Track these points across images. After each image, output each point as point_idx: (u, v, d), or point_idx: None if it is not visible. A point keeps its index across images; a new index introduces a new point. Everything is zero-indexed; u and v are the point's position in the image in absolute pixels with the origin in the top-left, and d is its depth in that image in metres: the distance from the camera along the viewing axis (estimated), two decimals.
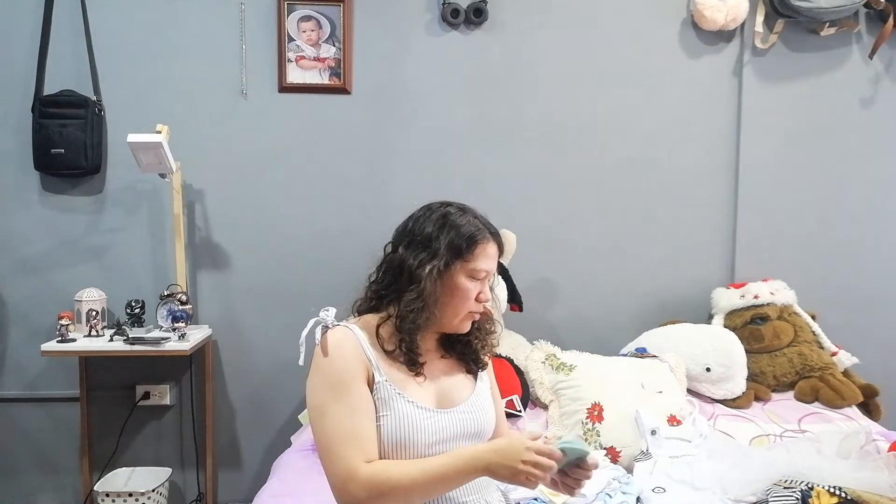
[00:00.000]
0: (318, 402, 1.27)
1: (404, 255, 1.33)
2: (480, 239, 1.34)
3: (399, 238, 1.38)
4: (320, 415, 1.26)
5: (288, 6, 2.64)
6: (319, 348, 1.29)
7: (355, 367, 1.27)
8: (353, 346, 1.29)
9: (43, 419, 2.71)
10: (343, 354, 1.28)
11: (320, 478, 1.97)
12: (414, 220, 1.37)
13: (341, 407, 1.24)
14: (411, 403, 1.30)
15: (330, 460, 1.24)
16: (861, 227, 2.83)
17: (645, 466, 1.99)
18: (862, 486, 1.71)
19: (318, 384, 1.27)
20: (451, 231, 1.32)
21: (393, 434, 1.28)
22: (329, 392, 1.25)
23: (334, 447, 1.23)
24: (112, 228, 2.68)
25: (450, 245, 1.31)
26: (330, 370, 1.27)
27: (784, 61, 2.78)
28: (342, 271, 2.70)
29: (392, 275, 1.35)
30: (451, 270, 1.31)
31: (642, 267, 2.79)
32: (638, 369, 2.34)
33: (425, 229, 1.34)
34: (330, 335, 1.30)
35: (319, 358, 1.28)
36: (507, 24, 2.72)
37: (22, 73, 2.59)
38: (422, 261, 1.31)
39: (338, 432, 1.23)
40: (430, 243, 1.32)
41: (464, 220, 1.34)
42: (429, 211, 1.37)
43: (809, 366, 2.51)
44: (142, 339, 2.39)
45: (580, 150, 2.77)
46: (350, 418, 1.24)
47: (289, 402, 2.74)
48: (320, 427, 1.26)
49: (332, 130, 2.71)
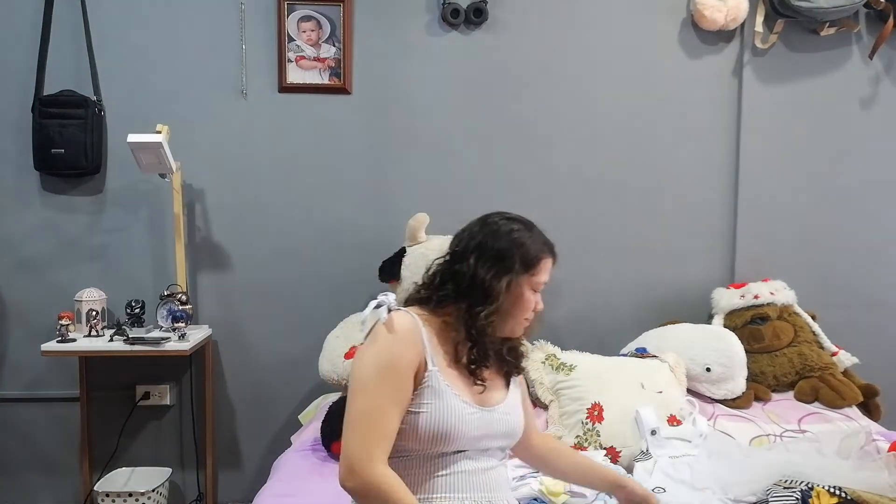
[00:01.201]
0: (365, 375, 1.32)
1: (475, 267, 1.39)
2: (545, 255, 1.44)
3: (466, 251, 1.42)
4: (362, 388, 1.31)
5: (288, 6, 2.64)
6: (384, 326, 1.34)
7: (411, 357, 1.33)
8: (414, 335, 1.35)
9: (43, 419, 2.71)
10: (404, 340, 1.34)
11: (320, 478, 1.99)
12: (483, 235, 1.43)
13: (385, 391, 1.30)
14: (457, 397, 1.36)
15: (355, 438, 1.28)
16: (861, 227, 2.83)
17: (645, 466, 1.99)
18: (862, 486, 1.71)
19: (371, 359, 1.33)
20: (521, 247, 1.41)
21: (437, 424, 1.33)
22: (378, 370, 1.31)
23: (364, 429, 1.28)
24: (112, 228, 2.68)
25: (521, 260, 1.40)
26: (387, 350, 1.32)
27: (784, 61, 2.77)
28: (342, 271, 2.71)
29: (455, 284, 1.40)
30: (519, 283, 1.40)
31: (642, 267, 2.79)
32: (638, 369, 2.34)
33: (496, 244, 1.41)
34: (396, 317, 1.36)
35: (381, 334, 1.34)
36: (507, 24, 2.72)
37: (22, 73, 2.59)
38: (496, 274, 1.38)
39: (372, 416, 1.28)
40: (503, 258, 1.39)
41: (530, 236, 1.43)
42: (495, 225, 1.44)
43: (809, 366, 2.51)
44: (142, 339, 2.39)
45: (579, 149, 2.77)
46: (390, 407, 1.29)
47: (289, 402, 2.74)
48: (358, 400, 1.31)
49: (332, 130, 2.71)
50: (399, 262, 2.50)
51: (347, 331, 2.42)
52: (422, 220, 2.51)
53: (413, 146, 2.73)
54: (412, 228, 2.51)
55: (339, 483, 1.28)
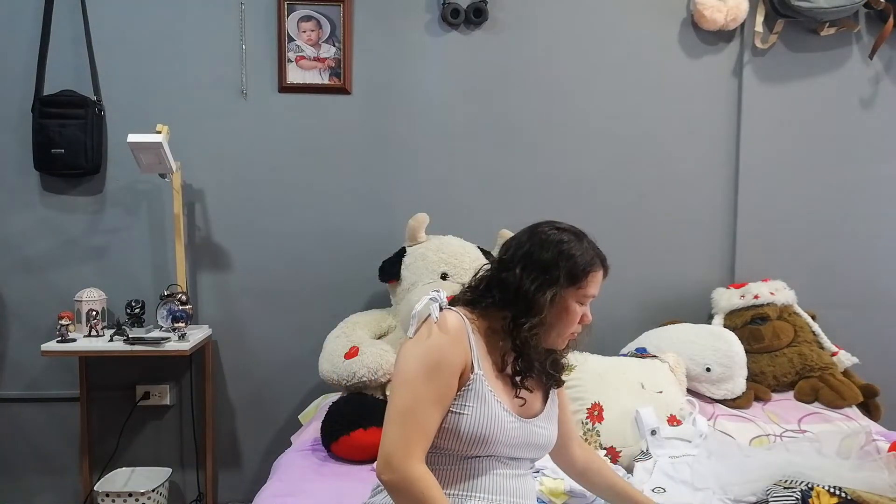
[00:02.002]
0: (412, 370, 1.31)
1: (521, 277, 1.36)
2: (594, 268, 1.40)
3: (513, 260, 1.40)
4: (407, 383, 1.31)
5: (288, 6, 2.64)
6: (435, 324, 1.33)
7: (458, 358, 1.32)
8: (463, 335, 1.34)
9: (43, 419, 2.71)
10: (453, 340, 1.33)
11: (320, 478, 1.99)
12: (530, 244, 1.40)
13: (431, 389, 1.29)
14: (499, 404, 1.35)
15: (396, 432, 1.28)
16: (861, 227, 2.83)
17: (645, 466, 1.99)
18: (862, 486, 1.71)
19: (420, 354, 1.32)
20: (568, 259, 1.37)
21: (477, 427, 1.32)
22: (426, 367, 1.30)
23: (406, 425, 1.28)
24: (112, 228, 2.68)
25: (568, 273, 1.36)
26: (437, 348, 1.31)
27: (784, 61, 2.78)
28: (342, 271, 2.71)
29: (500, 293, 1.38)
30: (564, 295, 1.37)
31: (642, 267, 2.79)
32: (638, 369, 2.34)
33: (543, 255, 1.37)
34: (448, 316, 1.35)
35: (432, 331, 1.33)
36: (507, 24, 2.72)
37: (22, 73, 2.59)
38: (540, 286, 1.35)
39: (415, 413, 1.28)
40: (548, 269, 1.36)
41: (579, 248, 1.39)
42: (545, 235, 1.40)
43: (809, 366, 2.51)
44: (142, 339, 2.39)
45: (579, 149, 2.77)
46: (433, 405, 1.29)
47: (289, 402, 2.74)
48: (403, 394, 1.31)
49: (332, 130, 2.71)
50: (399, 262, 2.50)
51: (347, 331, 2.42)
52: (422, 220, 2.51)
53: (413, 146, 2.73)
54: (412, 228, 2.51)
55: (376, 474, 1.29)
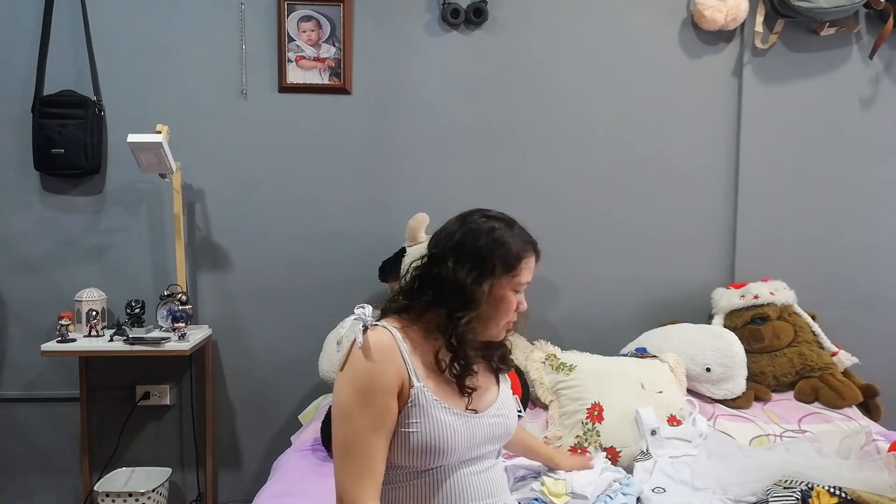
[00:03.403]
0: (346, 402, 1.27)
1: (454, 270, 1.31)
2: (527, 254, 1.37)
3: (444, 253, 1.35)
4: (344, 416, 1.26)
5: (288, 6, 2.64)
6: (359, 349, 1.27)
7: (391, 377, 1.27)
8: (393, 352, 1.28)
9: (43, 419, 2.71)
10: (382, 359, 1.26)
11: (320, 478, 1.99)
12: (461, 235, 1.35)
13: (367, 417, 1.24)
14: (447, 409, 1.30)
15: (343, 470, 1.25)
16: (861, 227, 2.83)
17: (645, 466, 1.99)
18: (862, 486, 1.71)
19: (350, 385, 1.27)
20: (501, 247, 1.33)
21: (429, 440, 1.28)
22: (358, 396, 1.25)
23: (350, 462, 1.25)
24: (112, 228, 2.68)
25: (502, 262, 1.33)
26: (365, 375, 1.26)
27: (784, 61, 2.77)
28: (342, 271, 2.71)
29: (434, 290, 1.33)
30: (499, 285, 1.33)
31: (642, 267, 2.79)
32: (638, 369, 2.34)
33: (475, 245, 1.33)
34: (371, 337, 1.28)
35: (358, 359, 1.27)
36: (507, 24, 2.72)
37: (22, 73, 2.59)
38: (476, 278, 1.31)
39: (356, 447, 1.24)
40: (481, 260, 1.32)
41: (511, 235, 1.35)
42: (474, 224, 1.36)
43: (809, 366, 2.51)
44: (142, 339, 2.39)
45: (580, 149, 2.77)
46: (372, 434, 1.24)
47: (289, 402, 2.74)
48: (342, 428, 1.27)
49: (332, 130, 2.71)
50: (399, 262, 2.49)
51: None
52: (422, 220, 2.51)
53: (413, 146, 2.73)
54: (412, 228, 2.51)
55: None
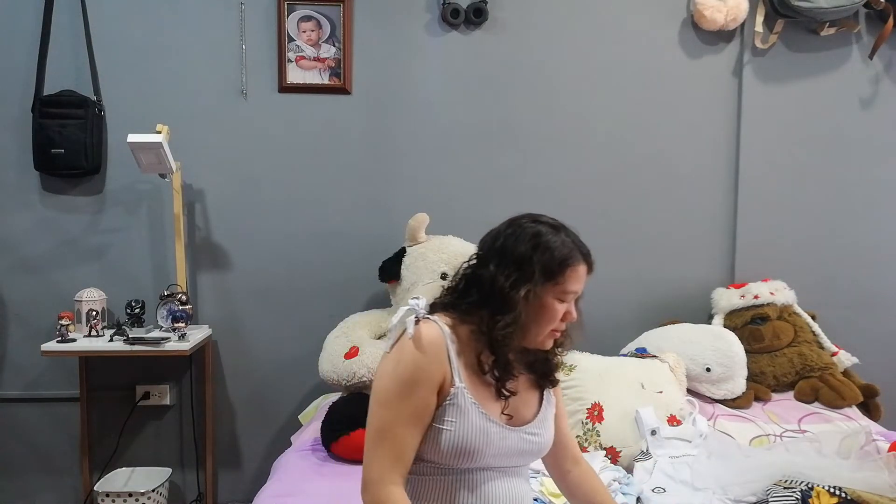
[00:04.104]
0: (387, 389, 1.27)
1: (495, 274, 1.29)
2: (573, 262, 1.31)
3: (488, 255, 1.32)
4: (383, 402, 1.27)
5: (288, 6, 2.64)
6: (410, 339, 1.26)
7: (435, 373, 1.26)
8: (440, 348, 1.28)
9: (43, 419, 2.71)
10: (429, 353, 1.26)
11: (320, 478, 1.99)
12: (505, 237, 1.32)
13: (405, 408, 1.25)
14: (484, 415, 1.29)
15: (372, 455, 1.26)
16: (861, 227, 2.83)
17: (645, 466, 1.99)
18: (862, 486, 1.71)
19: (394, 373, 1.27)
20: (544, 253, 1.28)
21: (460, 442, 1.27)
22: (401, 386, 1.26)
23: (381, 447, 1.26)
24: (112, 228, 2.68)
25: (544, 268, 1.28)
26: (410, 366, 1.26)
27: (784, 61, 2.77)
28: (342, 271, 2.71)
29: (478, 291, 1.31)
30: (541, 292, 1.29)
31: (642, 267, 2.79)
32: (638, 369, 2.34)
33: (517, 249, 1.29)
34: (423, 329, 1.28)
35: (406, 349, 1.27)
36: (507, 24, 2.72)
37: (22, 73, 2.59)
38: (515, 283, 1.27)
39: (389, 434, 1.25)
40: (522, 265, 1.28)
41: (557, 240, 1.30)
42: (520, 228, 1.32)
43: (809, 366, 2.51)
44: (142, 339, 2.39)
45: (580, 149, 2.77)
46: (409, 424, 1.25)
47: (289, 402, 2.74)
48: (379, 414, 1.27)
49: (332, 130, 2.71)
50: (399, 262, 2.50)
51: (347, 331, 2.42)
52: (422, 220, 2.51)
53: (413, 146, 2.73)
54: (412, 228, 2.51)
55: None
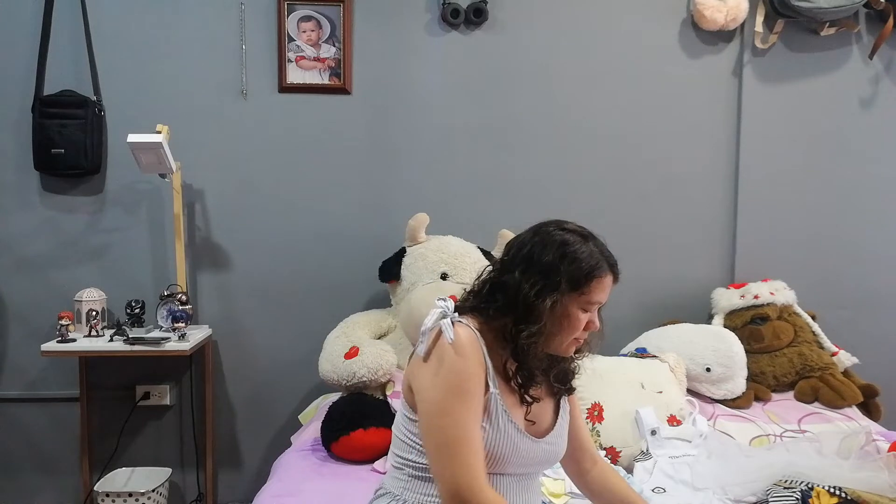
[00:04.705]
0: (442, 399, 1.24)
1: (520, 281, 1.27)
2: (600, 273, 1.29)
3: (514, 261, 1.31)
4: (443, 412, 1.24)
5: (288, 6, 2.64)
6: (451, 345, 1.24)
7: (480, 377, 1.26)
8: (479, 352, 1.27)
9: (43, 419, 2.71)
10: (471, 356, 1.25)
11: (320, 478, 1.99)
12: (532, 245, 1.30)
13: (466, 410, 1.23)
14: (514, 425, 1.29)
15: (454, 464, 1.22)
16: (861, 227, 2.83)
17: (645, 466, 1.99)
18: (862, 486, 1.71)
19: (444, 382, 1.24)
20: (571, 263, 1.27)
21: (489, 448, 1.27)
22: (455, 392, 1.23)
23: (461, 454, 1.22)
24: (112, 228, 2.68)
25: (570, 278, 1.27)
26: (461, 373, 1.24)
27: (784, 61, 2.78)
28: (342, 271, 2.71)
29: (503, 297, 1.30)
30: (567, 302, 1.28)
31: (642, 267, 2.78)
32: (638, 369, 2.34)
33: (544, 257, 1.28)
34: (462, 334, 1.26)
35: (449, 353, 1.24)
36: (507, 24, 2.72)
37: (22, 73, 2.59)
38: (539, 292, 1.26)
39: (464, 440, 1.23)
40: (549, 274, 1.27)
41: (584, 250, 1.28)
42: (547, 236, 1.30)
43: (809, 366, 2.51)
44: (142, 339, 2.39)
45: (580, 150, 2.77)
46: (475, 425, 1.24)
47: (289, 402, 2.74)
48: (441, 425, 1.24)
49: (332, 130, 2.71)
50: (399, 263, 2.50)
51: (347, 331, 2.42)
52: (422, 220, 2.51)
53: (413, 146, 2.73)
54: (412, 228, 2.51)
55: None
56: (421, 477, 1.32)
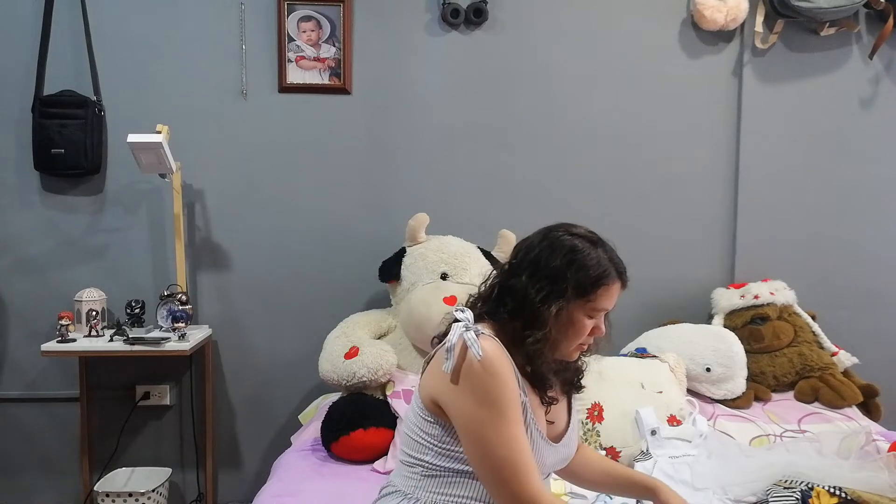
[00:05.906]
0: (486, 418, 1.21)
1: (527, 286, 1.26)
2: (607, 280, 1.28)
3: (522, 265, 1.30)
4: (493, 431, 1.21)
5: (288, 6, 2.64)
6: (480, 363, 1.21)
7: (515, 389, 1.24)
8: (509, 365, 1.25)
9: (43, 419, 2.71)
10: (505, 373, 1.23)
11: (320, 478, 1.99)
12: (540, 249, 1.29)
13: (515, 428, 1.22)
14: (539, 433, 1.29)
15: (514, 481, 1.21)
16: (861, 227, 2.83)
17: (645, 466, 1.99)
18: (862, 486, 1.71)
19: (485, 401, 1.21)
20: (578, 270, 1.26)
21: None
22: (498, 409, 1.21)
23: (522, 469, 1.21)
24: (112, 228, 2.68)
25: (577, 285, 1.25)
26: (500, 394, 1.21)
27: (784, 61, 2.77)
28: (342, 271, 2.72)
29: (512, 301, 1.28)
30: (572, 309, 1.27)
31: (642, 267, 2.75)
32: (638, 369, 2.34)
33: (551, 262, 1.26)
34: (488, 348, 1.22)
35: (483, 378, 1.21)
36: (507, 24, 2.72)
37: (22, 73, 2.59)
38: (545, 298, 1.25)
39: (518, 454, 1.21)
40: (556, 280, 1.25)
41: (592, 256, 1.27)
42: (556, 241, 1.29)
43: (809, 366, 2.52)
44: (142, 339, 2.39)
45: (580, 150, 2.77)
46: (520, 433, 1.23)
47: (289, 402, 2.74)
48: (496, 444, 1.21)
49: (332, 130, 2.71)
50: (399, 263, 2.50)
51: (347, 331, 2.42)
52: (422, 221, 2.51)
53: (413, 146, 2.73)
54: (412, 228, 2.51)
55: None
56: (433, 475, 1.31)
